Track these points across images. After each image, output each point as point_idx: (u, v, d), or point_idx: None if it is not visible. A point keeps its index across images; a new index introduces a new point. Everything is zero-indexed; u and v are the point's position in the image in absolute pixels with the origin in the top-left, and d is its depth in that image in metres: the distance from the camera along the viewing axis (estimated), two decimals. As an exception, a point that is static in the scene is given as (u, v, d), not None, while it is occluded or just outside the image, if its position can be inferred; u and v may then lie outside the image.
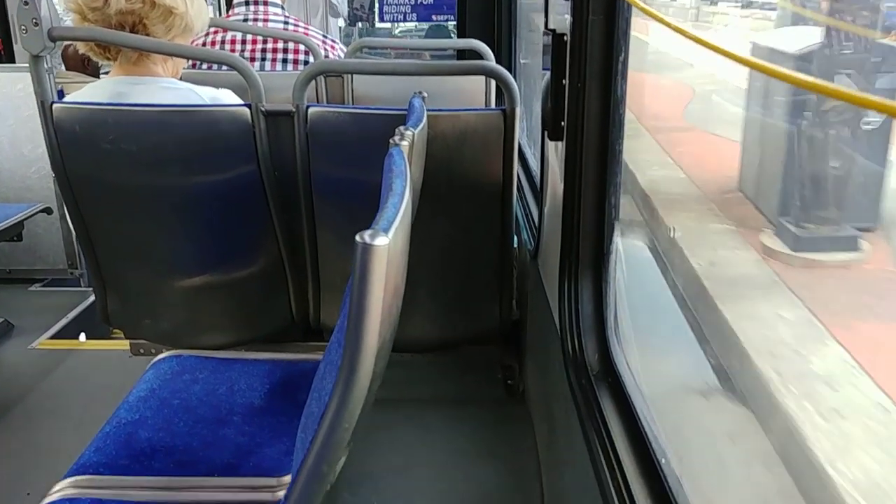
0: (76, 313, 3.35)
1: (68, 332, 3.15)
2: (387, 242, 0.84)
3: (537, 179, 2.12)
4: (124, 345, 2.67)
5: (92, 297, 3.37)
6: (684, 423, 1.13)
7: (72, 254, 3.75)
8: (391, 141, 1.27)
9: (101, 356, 2.90)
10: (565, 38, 1.46)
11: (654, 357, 1.28)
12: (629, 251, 1.36)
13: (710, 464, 1.02)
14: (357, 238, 0.83)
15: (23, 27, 1.77)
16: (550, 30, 1.55)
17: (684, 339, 1.16)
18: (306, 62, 2.71)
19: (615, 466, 1.12)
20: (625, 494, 1.07)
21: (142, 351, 2.37)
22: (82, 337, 3.10)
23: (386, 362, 1.02)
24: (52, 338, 3.10)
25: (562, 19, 1.47)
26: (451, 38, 5.24)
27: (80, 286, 3.71)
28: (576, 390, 1.36)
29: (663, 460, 1.07)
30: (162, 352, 1.93)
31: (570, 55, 1.43)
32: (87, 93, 1.99)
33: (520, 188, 2.38)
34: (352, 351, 0.88)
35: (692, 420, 1.13)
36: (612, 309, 1.43)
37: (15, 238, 3.25)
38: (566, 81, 1.48)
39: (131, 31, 1.89)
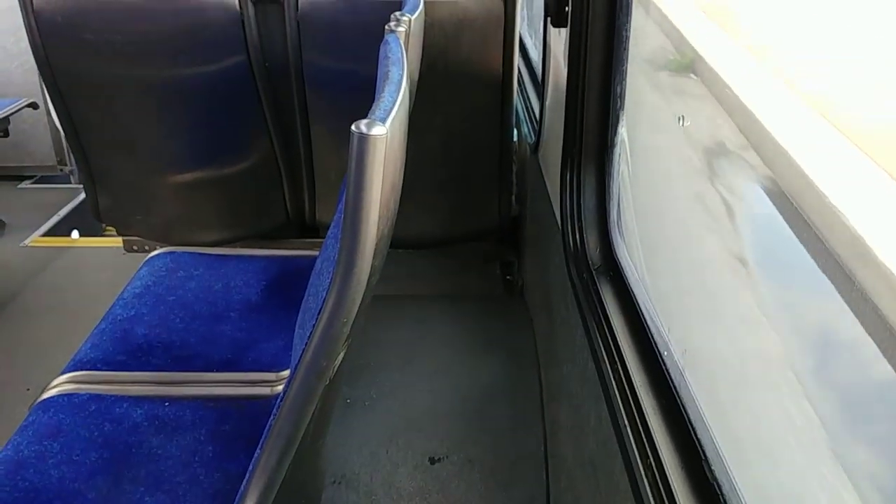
0: (67, 210, 3.31)
1: (60, 230, 3.12)
2: (384, 132, 0.79)
3: (538, 71, 2.04)
4: (117, 242, 2.65)
5: (83, 195, 3.32)
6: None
7: (60, 150, 3.67)
8: (387, 27, 1.20)
9: (93, 253, 2.89)
10: None
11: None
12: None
13: (715, 356, 1.02)
14: (353, 128, 0.79)
15: None
16: None
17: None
18: (294, -56, 2.56)
19: (616, 359, 1.12)
20: (626, 386, 1.07)
21: (135, 248, 2.35)
22: (74, 234, 3.07)
23: (384, 257, 1.00)
24: (44, 235, 3.07)
25: None
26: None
27: (71, 183, 3.65)
28: (577, 284, 1.34)
29: (665, 353, 1.07)
30: (155, 249, 1.91)
31: None
32: (62, -23, 1.88)
33: (520, 81, 2.30)
34: (349, 245, 0.85)
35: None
36: (615, 202, 1.39)
37: (1, 134, 3.16)
38: None
39: None
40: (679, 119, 1.10)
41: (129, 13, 1.81)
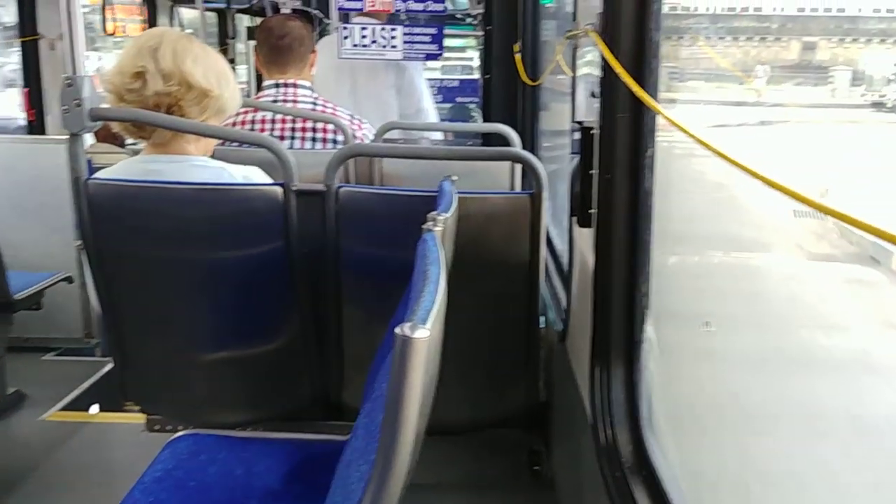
0: (89, 384, 3.32)
1: (80, 404, 3.12)
2: (427, 335, 0.83)
3: (563, 260, 2.12)
4: (138, 418, 2.63)
5: (105, 368, 3.35)
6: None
7: (88, 323, 3.74)
8: (424, 227, 1.27)
9: (113, 429, 2.86)
10: (593, 131, 1.49)
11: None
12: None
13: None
14: (397, 331, 0.82)
15: (65, 107, 1.82)
16: (578, 122, 1.58)
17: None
18: (334, 140, 2.77)
19: (654, 569, 1.07)
20: None
21: (157, 427, 2.34)
22: (94, 409, 3.06)
23: (418, 453, 1.00)
24: (64, 409, 3.06)
25: (590, 114, 1.50)
26: (471, 114, 5.37)
27: (95, 356, 3.69)
28: (609, 483, 1.32)
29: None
30: (178, 428, 1.90)
31: (598, 148, 1.46)
32: (120, 169, 2.03)
33: (546, 269, 2.38)
34: (388, 445, 0.86)
35: None
36: (644, 399, 1.40)
37: (34, 307, 3.25)
38: (594, 172, 1.50)
39: (167, 112, 1.94)
40: (705, 324, 1.13)
41: (177, 202, 1.93)
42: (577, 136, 1.59)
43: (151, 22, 6.20)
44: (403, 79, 3.90)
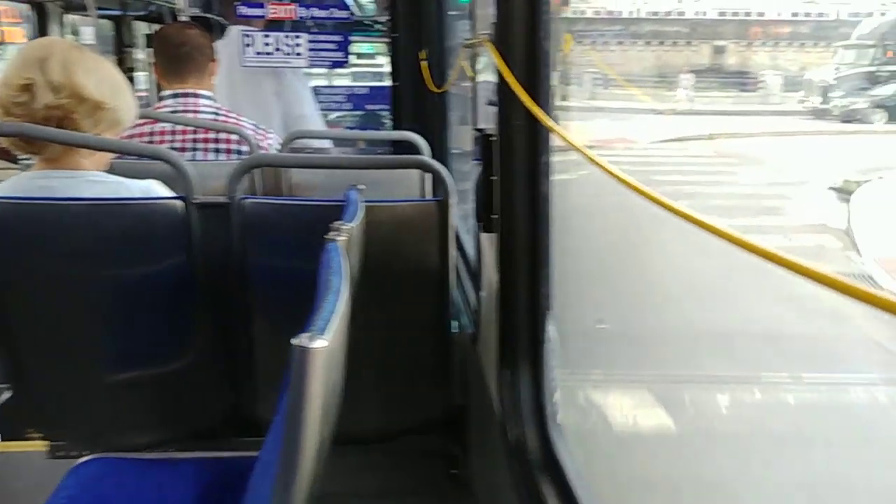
0: (-13, 413, 3.14)
1: (-22, 434, 2.95)
2: (325, 344, 0.83)
3: (474, 265, 2.16)
4: (40, 445, 2.51)
5: (3, 396, 3.18)
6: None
7: (-16, 348, 3.55)
8: (327, 237, 1.28)
9: (14, 458, 2.72)
10: (492, 138, 1.53)
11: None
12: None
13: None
14: (294, 342, 0.82)
15: None
16: (479, 130, 1.62)
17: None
18: (238, 151, 2.72)
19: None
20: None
21: (59, 454, 2.25)
22: (-7, 438, 2.90)
23: (325, 462, 1.00)
24: (-40, 440, 2.89)
25: (489, 121, 1.54)
26: (382, 122, 5.37)
27: (-7, 383, 3.51)
28: (519, 481, 1.35)
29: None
30: (84, 453, 1.83)
31: (497, 155, 1.50)
32: (9, 186, 1.94)
33: (458, 274, 2.41)
34: (289, 456, 0.86)
35: None
36: (548, 398, 1.44)
37: (-77, 335, 3.06)
38: (495, 178, 1.54)
39: (58, 126, 1.87)
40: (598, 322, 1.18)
41: (73, 219, 1.87)
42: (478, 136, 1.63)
43: (41, 31, 5.92)
44: (282, 84, 3.86)
